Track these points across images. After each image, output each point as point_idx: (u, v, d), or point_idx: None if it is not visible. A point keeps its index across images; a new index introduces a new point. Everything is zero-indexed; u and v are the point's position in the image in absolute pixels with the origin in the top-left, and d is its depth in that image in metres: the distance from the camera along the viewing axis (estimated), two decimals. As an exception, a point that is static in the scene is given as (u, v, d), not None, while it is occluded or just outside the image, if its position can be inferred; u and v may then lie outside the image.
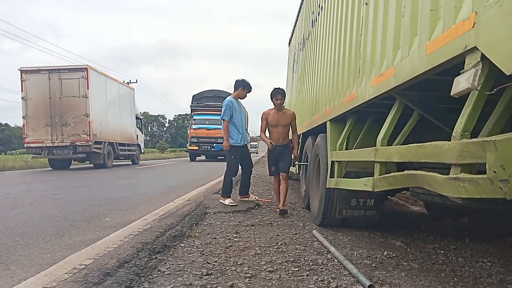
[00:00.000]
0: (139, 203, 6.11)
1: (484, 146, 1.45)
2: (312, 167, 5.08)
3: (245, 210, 5.35)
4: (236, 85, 5.93)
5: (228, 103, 5.78)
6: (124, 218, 4.74)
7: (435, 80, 2.19)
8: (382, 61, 2.66)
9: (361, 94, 3.05)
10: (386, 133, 2.71)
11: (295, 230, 4.23)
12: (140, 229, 3.88)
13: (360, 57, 3.19)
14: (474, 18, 1.52)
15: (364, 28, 3.13)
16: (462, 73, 1.60)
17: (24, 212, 5.18)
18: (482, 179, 1.48)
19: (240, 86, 5.89)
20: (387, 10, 2.61)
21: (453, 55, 1.67)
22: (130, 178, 11.21)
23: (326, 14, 4.88)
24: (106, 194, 7.21)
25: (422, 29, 2.06)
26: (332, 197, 4.08)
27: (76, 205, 5.79)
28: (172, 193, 7.27)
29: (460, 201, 1.68)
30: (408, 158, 2.20)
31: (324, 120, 4.37)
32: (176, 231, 3.86)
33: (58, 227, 4.25)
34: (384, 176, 2.60)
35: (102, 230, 4.10)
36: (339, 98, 3.85)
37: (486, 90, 1.52)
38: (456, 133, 1.68)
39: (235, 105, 5.86)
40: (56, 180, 10.42)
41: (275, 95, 5.37)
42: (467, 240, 3.93)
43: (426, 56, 1.93)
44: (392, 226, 4.61)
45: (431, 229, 4.46)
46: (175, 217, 4.52)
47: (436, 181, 1.83)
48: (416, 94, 2.56)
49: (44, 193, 7.35)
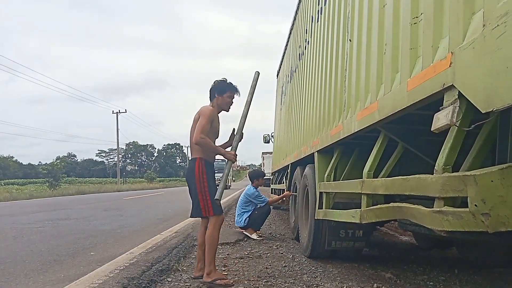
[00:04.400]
0: (125, 235, 6.00)
1: (465, 180, 1.49)
2: (301, 197, 5.08)
3: (234, 242, 5.29)
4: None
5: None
6: (110, 252, 4.64)
7: (418, 114, 2.26)
8: (366, 95, 2.74)
9: (347, 126, 3.11)
10: (372, 165, 2.75)
11: (284, 262, 4.18)
12: (126, 263, 3.80)
13: (345, 91, 3.28)
14: (450, 58, 1.60)
15: (348, 63, 3.23)
16: (441, 109, 1.66)
17: (6, 247, 5.05)
18: (464, 212, 1.51)
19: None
20: (370, 47, 2.71)
21: (432, 92, 1.74)
22: (117, 209, 11.03)
23: (313, 49, 5.03)
24: (92, 227, 7.07)
25: (402, 66, 2.14)
26: (321, 229, 4.07)
27: (61, 239, 5.66)
28: (159, 225, 7.17)
29: (445, 234, 1.70)
30: (394, 191, 2.23)
31: (312, 151, 4.42)
32: (163, 265, 3.79)
33: (41, 262, 4.14)
34: (371, 208, 2.62)
35: (87, 265, 4.00)
36: (325, 130, 3.92)
37: (465, 126, 1.58)
38: (438, 166, 1.73)
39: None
40: (41, 212, 10.20)
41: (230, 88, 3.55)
42: (456, 271, 3.93)
43: (407, 92, 2.01)
44: (381, 257, 4.59)
45: (420, 260, 4.45)
46: (163, 250, 4.45)
47: (421, 214, 1.86)
48: (400, 127, 2.63)
49: (28, 226, 7.18)
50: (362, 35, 2.89)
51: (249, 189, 6.16)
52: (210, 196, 3.31)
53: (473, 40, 1.45)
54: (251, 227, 5.87)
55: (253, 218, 5.90)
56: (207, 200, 3.31)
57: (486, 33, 1.37)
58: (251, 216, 5.91)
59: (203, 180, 3.34)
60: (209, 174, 3.39)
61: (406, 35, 2.10)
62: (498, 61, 1.30)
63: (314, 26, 5.03)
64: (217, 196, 3.24)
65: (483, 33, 1.39)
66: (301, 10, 6.62)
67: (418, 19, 1.99)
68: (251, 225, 5.88)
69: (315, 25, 4.94)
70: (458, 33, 1.58)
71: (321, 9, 4.56)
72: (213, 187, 3.36)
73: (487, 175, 1.38)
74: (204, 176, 3.34)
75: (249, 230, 5.84)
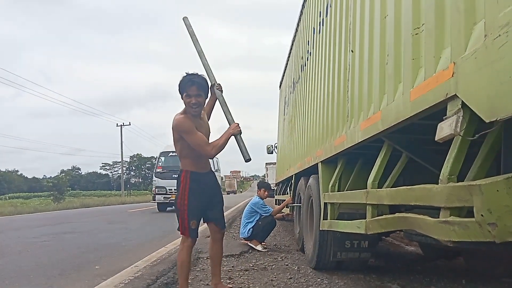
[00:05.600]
0: (130, 249, 5.98)
1: (470, 190, 1.48)
2: (306, 208, 5.06)
3: (239, 254, 5.26)
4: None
5: None
6: (114, 266, 4.63)
7: (421, 123, 2.26)
8: (369, 106, 2.74)
9: (350, 137, 3.12)
10: (376, 175, 2.74)
11: (289, 274, 4.15)
12: (131, 277, 3.79)
13: (348, 101, 3.28)
14: (452, 68, 1.60)
15: (351, 73, 3.25)
16: (445, 119, 1.66)
17: (12, 261, 5.04)
18: (471, 222, 1.50)
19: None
20: (372, 58, 2.73)
21: (435, 102, 1.74)
22: (121, 222, 11.01)
23: (315, 60, 5.06)
24: (96, 240, 7.06)
25: (405, 76, 2.15)
26: (326, 240, 4.04)
27: (66, 252, 5.65)
28: (164, 238, 7.14)
29: (451, 244, 1.68)
30: (399, 201, 2.22)
31: (316, 161, 4.41)
32: (168, 278, 3.77)
33: (47, 276, 4.13)
34: (376, 218, 2.60)
35: (92, 278, 3.99)
36: (329, 141, 3.92)
37: (469, 136, 1.57)
38: (443, 176, 1.72)
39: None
40: (46, 226, 10.20)
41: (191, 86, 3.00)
42: (463, 281, 3.88)
43: (410, 102, 2.01)
44: (387, 267, 4.55)
45: (426, 270, 4.40)
46: (167, 263, 4.43)
47: (427, 224, 1.85)
48: (404, 137, 2.63)
49: (33, 240, 7.17)
50: (364, 46, 2.91)
51: (255, 199, 6.15)
52: (187, 215, 3.00)
53: (475, 50, 1.45)
54: (255, 238, 5.84)
55: (257, 229, 5.87)
56: (184, 219, 3.02)
57: (488, 43, 1.38)
58: (255, 227, 5.89)
59: (184, 196, 3.02)
60: (192, 191, 3.02)
61: (408, 46, 2.12)
62: (500, 71, 1.31)
63: (316, 37, 5.06)
64: (246, 157, 3.07)
65: (485, 43, 1.39)
66: (303, 22, 6.68)
67: (420, 29, 2.01)
68: (255, 236, 5.85)
69: (317, 36, 4.98)
70: (459, 43, 1.59)
71: (323, 20, 4.60)
72: (194, 206, 3.02)
73: (493, 184, 1.38)
74: (186, 192, 3.01)
75: (254, 242, 5.81)
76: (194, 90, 2.94)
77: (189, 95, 2.94)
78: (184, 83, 2.97)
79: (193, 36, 3.63)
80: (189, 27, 3.67)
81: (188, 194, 3.00)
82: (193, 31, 3.67)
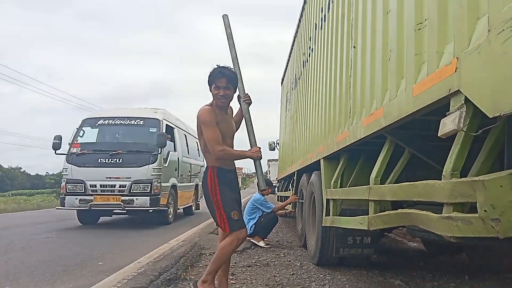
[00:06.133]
0: (132, 244, 6.00)
1: (473, 185, 1.48)
2: (308, 204, 5.06)
3: (241, 251, 5.27)
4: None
5: None
6: (117, 262, 4.64)
7: (424, 119, 2.25)
8: (372, 102, 2.73)
9: (353, 133, 3.11)
10: (378, 172, 2.74)
11: (292, 270, 4.16)
12: (134, 273, 3.80)
13: (350, 97, 3.28)
14: (456, 63, 1.59)
15: (353, 69, 3.24)
16: (448, 114, 1.65)
17: (15, 257, 5.06)
18: (474, 218, 1.50)
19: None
20: (374, 53, 2.72)
21: (438, 97, 1.74)
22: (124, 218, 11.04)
23: (317, 56, 5.05)
24: (100, 236, 7.09)
25: (408, 72, 2.14)
26: (328, 236, 4.04)
27: (69, 249, 5.67)
28: (166, 234, 7.16)
29: (454, 240, 1.68)
30: (401, 197, 2.22)
31: (318, 158, 4.41)
32: (171, 274, 3.78)
33: (50, 272, 4.15)
34: (379, 214, 2.60)
35: (95, 274, 4.01)
36: (331, 137, 3.91)
37: (472, 131, 1.57)
38: (446, 172, 1.72)
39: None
40: (49, 222, 10.23)
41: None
42: (467, 277, 3.89)
43: (413, 97, 2.00)
44: (390, 263, 4.55)
45: (429, 266, 4.40)
46: (170, 259, 4.44)
47: (430, 220, 1.84)
48: (406, 133, 2.62)
49: (36, 236, 7.20)
50: (367, 42, 2.90)
51: (256, 195, 6.16)
52: (224, 210, 2.85)
53: (479, 45, 1.44)
54: (257, 235, 5.85)
55: (259, 225, 5.88)
56: (222, 214, 2.87)
57: (491, 38, 1.37)
58: (257, 223, 5.89)
59: (215, 192, 2.90)
60: (222, 186, 2.92)
61: (411, 41, 2.10)
62: (504, 66, 1.30)
63: (318, 33, 5.04)
64: (262, 187, 3.25)
65: (488, 38, 1.39)
66: (305, 18, 6.65)
67: (423, 24, 1.99)
68: (257, 233, 5.86)
69: (319, 32, 4.96)
70: (463, 38, 1.58)
71: (325, 16, 4.58)
72: (228, 199, 2.90)
73: (496, 180, 1.37)
74: (216, 188, 2.90)
75: (256, 238, 5.82)
76: (224, 82, 2.88)
77: (218, 86, 2.88)
78: (214, 75, 2.89)
79: (230, 39, 3.26)
80: (228, 27, 3.30)
81: (219, 187, 2.89)
82: (231, 33, 3.28)
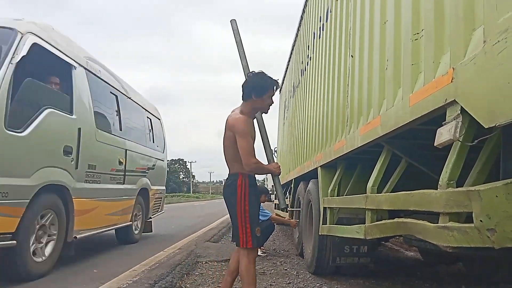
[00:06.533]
0: (128, 252, 5.96)
1: (469, 195, 1.48)
2: (305, 213, 5.05)
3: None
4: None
5: None
6: (112, 269, 4.60)
7: (421, 129, 2.26)
8: (369, 111, 2.75)
9: (350, 141, 3.12)
10: (375, 180, 2.74)
11: (288, 279, 4.13)
12: (129, 280, 3.77)
13: (348, 106, 3.29)
14: (452, 73, 1.61)
15: (350, 78, 3.25)
16: (444, 124, 1.66)
17: (9, 264, 5.00)
18: (470, 228, 1.50)
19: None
20: (372, 63, 2.74)
21: (434, 107, 1.75)
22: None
23: (315, 64, 5.07)
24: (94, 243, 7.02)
25: (404, 81, 2.16)
26: (325, 244, 4.03)
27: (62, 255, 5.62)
28: (162, 241, 7.12)
29: (450, 249, 1.68)
30: (398, 206, 2.22)
31: (315, 166, 4.41)
32: (166, 282, 3.75)
33: (43, 279, 4.10)
34: (376, 223, 2.60)
35: (89, 282, 3.97)
36: (329, 145, 3.92)
37: (468, 141, 1.58)
38: (442, 181, 1.72)
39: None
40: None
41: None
42: (463, 287, 3.87)
43: (410, 107, 2.01)
44: (387, 273, 4.53)
45: (426, 276, 4.39)
46: (166, 267, 4.41)
47: (426, 230, 1.85)
48: (403, 142, 2.63)
49: (31, 243, 7.14)
50: (364, 51, 2.92)
51: None
52: (250, 223, 2.70)
53: (474, 56, 1.46)
54: None
55: None
56: (246, 228, 2.70)
57: (487, 49, 1.38)
58: None
59: (244, 202, 2.73)
60: (251, 197, 2.77)
61: (408, 51, 2.12)
62: (499, 77, 1.31)
63: (316, 42, 5.08)
64: (283, 205, 3.38)
65: (484, 49, 1.40)
66: (303, 27, 6.70)
67: (419, 35, 2.01)
68: None
69: (317, 41, 5.00)
70: (459, 49, 1.59)
71: (323, 25, 4.62)
72: (255, 213, 2.78)
73: (492, 190, 1.38)
74: (246, 198, 2.73)
75: None
76: (274, 93, 2.88)
77: (273, 94, 2.86)
78: (270, 84, 2.82)
79: (240, 47, 3.12)
80: (237, 33, 3.16)
81: (249, 200, 2.75)
82: (240, 40, 3.13)
